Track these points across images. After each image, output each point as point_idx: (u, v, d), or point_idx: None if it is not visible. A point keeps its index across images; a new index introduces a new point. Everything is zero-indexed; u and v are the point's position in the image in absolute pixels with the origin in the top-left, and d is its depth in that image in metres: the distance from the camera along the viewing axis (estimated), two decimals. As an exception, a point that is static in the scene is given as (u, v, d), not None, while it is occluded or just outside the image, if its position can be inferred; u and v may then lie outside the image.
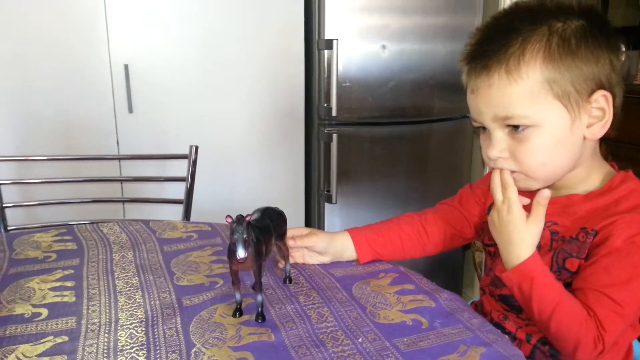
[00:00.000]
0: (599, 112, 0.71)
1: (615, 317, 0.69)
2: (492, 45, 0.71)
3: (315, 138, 2.08)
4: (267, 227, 0.75)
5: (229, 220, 0.67)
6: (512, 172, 0.74)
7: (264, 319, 0.71)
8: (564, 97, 0.69)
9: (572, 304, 0.70)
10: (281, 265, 0.87)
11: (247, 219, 0.67)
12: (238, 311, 0.73)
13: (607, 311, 0.69)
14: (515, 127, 0.71)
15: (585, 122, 0.71)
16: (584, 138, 0.73)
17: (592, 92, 0.70)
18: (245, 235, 0.66)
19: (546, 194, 0.71)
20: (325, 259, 0.90)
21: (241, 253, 0.66)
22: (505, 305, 0.84)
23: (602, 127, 0.72)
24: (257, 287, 0.72)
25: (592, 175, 0.77)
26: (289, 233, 0.85)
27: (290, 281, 0.83)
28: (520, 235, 0.72)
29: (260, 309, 0.72)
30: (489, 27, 0.74)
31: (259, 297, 0.72)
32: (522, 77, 0.69)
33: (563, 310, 0.69)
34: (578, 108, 0.70)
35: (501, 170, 0.74)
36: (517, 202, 0.73)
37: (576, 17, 0.70)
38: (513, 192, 0.73)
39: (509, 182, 0.73)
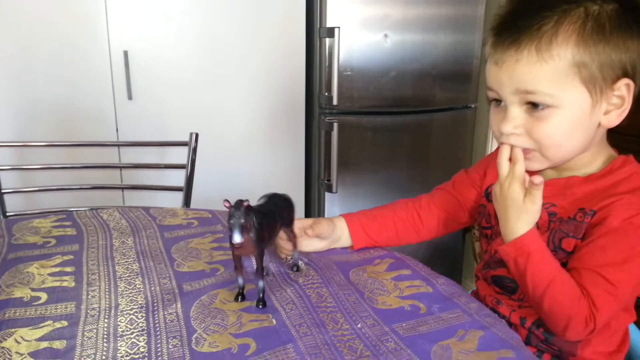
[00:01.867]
0: (618, 100, 0.71)
1: (608, 297, 0.69)
2: (525, 20, 0.69)
3: (316, 127, 2.08)
4: (270, 212, 0.74)
5: (227, 204, 0.66)
6: (528, 151, 0.74)
7: (264, 305, 0.71)
8: (590, 82, 0.69)
9: (567, 281, 0.70)
10: (283, 254, 0.86)
11: (245, 204, 0.67)
12: (240, 295, 0.73)
13: (601, 291, 0.69)
14: (535, 105, 0.70)
15: (603, 108, 0.71)
16: (599, 125, 0.72)
17: (617, 79, 0.69)
18: (242, 221, 0.65)
19: (537, 180, 0.70)
20: (321, 246, 0.89)
21: (237, 238, 0.65)
22: (498, 287, 0.84)
23: (619, 116, 0.72)
24: (258, 272, 0.72)
25: (595, 159, 0.78)
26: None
27: (298, 269, 0.82)
28: (518, 212, 0.72)
29: (261, 295, 0.72)
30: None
31: (260, 283, 0.72)
32: (553, 57, 0.68)
33: (557, 287, 0.69)
34: (600, 94, 0.70)
35: (513, 146, 0.74)
36: (520, 177, 0.72)
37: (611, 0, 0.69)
38: (520, 168, 0.73)
39: (519, 157, 0.73)
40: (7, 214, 1.42)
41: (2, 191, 1.42)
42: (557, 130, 0.71)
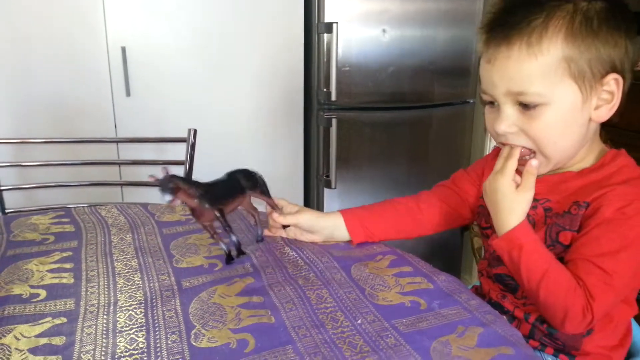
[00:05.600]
0: (608, 96, 0.72)
1: (604, 287, 0.69)
2: (515, 16, 0.70)
3: (315, 123, 2.07)
4: (221, 181, 0.84)
5: (152, 179, 0.72)
6: (531, 151, 0.75)
7: (242, 253, 0.83)
8: (579, 77, 0.69)
9: (562, 273, 0.70)
10: (271, 232, 0.93)
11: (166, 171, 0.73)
12: (228, 256, 0.83)
13: (596, 280, 0.69)
14: (527, 105, 0.71)
15: (594, 104, 0.72)
16: (590, 120, 0.73)
17: (606, 74, 0.70)
18: (169, 186, 0.72)
19: (534, 163, 0.72)
20: (316, 238, 0.89)
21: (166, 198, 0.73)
22: (501, 285, 0.84)
23: (609, 110, 0.72)
24: (226, 230, 0.80)
25: (588, 154, 0.79)
26: (280, 204, 0.90)
27: (262, 240, 0.90)
28: (509, 203, 0.73)
29: (233, 248, 0.83)
30: None
31: (232, 237, 0.82)
32: (542, 52, 0.68)
33: (551, 278, 0.70)
34: (590, 89, 0.70)
35: (514, 146, 0.75)
36: (510, 171, 0.74)
37: None
38: (512, 163, 0.74)
39: (514, 154, 0.74)
40: (6, 210, 1.42)
41: (1, 188, 1.41)
42: (550, 127, 0.72)
